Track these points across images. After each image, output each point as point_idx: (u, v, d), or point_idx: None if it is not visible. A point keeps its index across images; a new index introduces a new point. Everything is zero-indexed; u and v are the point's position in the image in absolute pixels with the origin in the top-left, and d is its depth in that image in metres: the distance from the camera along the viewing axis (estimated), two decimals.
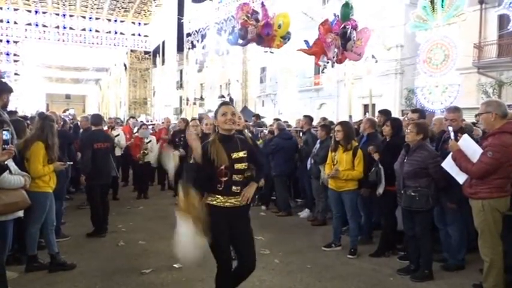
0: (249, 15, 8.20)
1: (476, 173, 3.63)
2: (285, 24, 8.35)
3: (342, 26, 7.94)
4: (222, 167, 2.97)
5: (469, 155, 3.71)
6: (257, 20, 8.26)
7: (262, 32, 8.15)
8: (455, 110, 4.80)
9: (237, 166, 3.04)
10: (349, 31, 7.86)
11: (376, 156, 4.97)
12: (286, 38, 8.58)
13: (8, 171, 3.68)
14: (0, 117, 4.07)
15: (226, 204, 3.03)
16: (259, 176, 3.32)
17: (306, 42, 8.34)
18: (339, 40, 7.88)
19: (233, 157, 3.02)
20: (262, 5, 8.45)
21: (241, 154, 3.08)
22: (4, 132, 3.46)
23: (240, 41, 8.52)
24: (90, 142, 6.05)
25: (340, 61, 8.40)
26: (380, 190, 4.98)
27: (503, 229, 3.68)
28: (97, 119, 6.56)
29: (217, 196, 3.02)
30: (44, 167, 4.43)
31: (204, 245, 2.93)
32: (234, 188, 3.04)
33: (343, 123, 5.42)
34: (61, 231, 5.65)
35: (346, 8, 8.13)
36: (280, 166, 7.41)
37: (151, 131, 10.49)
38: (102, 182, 6.13)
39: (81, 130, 8.09)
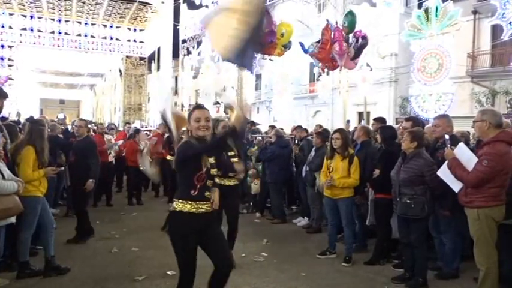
0: None
1: (471, 181, 3.63)
2: (288, 33, 8.39)
3: (362, 36, 8.03)
4: (203, 171, 2.90)
5: (464, 164, 3.71)
6: None
7: (266, 39, 8.15)
8: (441, 117, 4.90)
9: (212, 171, 2.99)
10: (367, 42, 8.02)
11: (376, 172, 4.95)
12: (287, 46, 8.61)
13: (1, 176, 3.64)
14: None
15: (200, 210, 2.93)
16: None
17: (301, 44, 8.34)
18: (353, 50, 7.94)
19: (210, 161, 2.97)
20: (267, 12, 8.44)
21: (212, 160, 3.01)
22: None
23: None
24: (95, 148, 6.07)
25: (333, 68, 8.46)
26: (368, 221, 5.37)
27: (498, 238, 3.69)
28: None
29: (189, 202, 2.90)
30: (34, 172, 4.39)
31: None
32: (206, 193, 2.97)
33: (341, 131, 5.42)
34: None
35: (352, 17, 8.20)
36: (275, 173, 7.40)
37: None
38: (94, 187, 6.10)
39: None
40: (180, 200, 2.93)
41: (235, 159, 4.59)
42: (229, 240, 4.83)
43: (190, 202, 2.90)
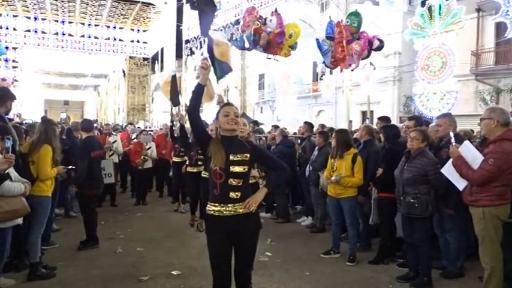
0: (260, 20, 8.18)
1: (477, 180, 3.61)
2: (296, 34, 8.36)
3: (379, 38, 8.04)
4: (217, 168, 2.80)
5: (470, 162, 3.69)
6: (264, 25, 8.24)
7: (275, 40, 8.12)
8: (443, 116, 4.88)
9: (234, 169, 2.81)
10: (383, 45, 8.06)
11: (379, 171, 4.95)
12: (293, 47, 8.61)
13: (8, 178, 3.67)
14: (4, 125, 4.06)
15: (225, 212, 2.80)
16: (279, 179, 3.10)
17: (318, 41, 8.24)
18: (366, 51, 7.95)
19: (230, 159, 2.82)
20: (277, 13, 8.38)
21: (241, 157, 2.85)
22: (6, 140, 3.45)
23: (247, 45, 8.45)
24: (87, 151, 5.55)
25: (334, 67, 8.45)
26: (371, 220, 5.34)
27: (503, 237, 3.67)
28: (88, 124, 6.04)
29: (215, 204, 2.83)
30: (51, 170, 4.51)
31: None
32: (231, 194, 2.81)
33: (337, 131, 5.48)
34: (50, 239, 5.53)
35: (360, 17, 8.17)
36: None
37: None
38: (98, 191, 5.93)
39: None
40: (209, 202, 2.88)
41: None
42: None
43: (215, 204, 2.84)
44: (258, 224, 2.99)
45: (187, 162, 7.11)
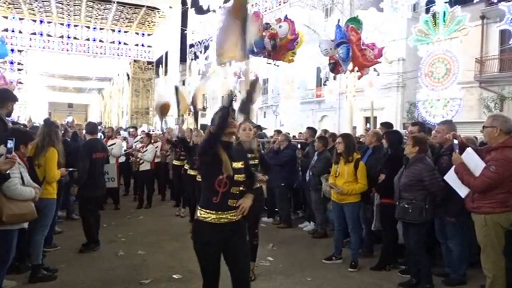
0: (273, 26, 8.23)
1: (478, 186, 3.61)
2: (301, 41, 8.44)
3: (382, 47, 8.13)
4: (223, 176, 2.73)
5: (472, 169, 3.69)
6: (265, 30, 8.27)
7: (287, 46, 8.18)
8: (443, 122, 4.91)
9: (237, 177, 2.80)
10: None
11: (382, 177, 4.94)
12: (295, 53, 8.66)
13: (21, 181, 3.69)
14: (11, 127, 4.08)
15: (222, 220, 2.77)
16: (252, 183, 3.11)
17: (348, 47, 8.18)
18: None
19: (233, 167, 2.79)
20: (290, 20, 8.39)
21: (240, 165, 2.87)
22: (8, 140, 3.46)
23: (255, 50, 8.46)
24: (88, 152, 5.63)
25: (338, 72, 8.46)
26: (373, 226, 5.27)
27: (505, 245, 3.65)
28: (92, 127, 6.14)
29: (211, 212, 2.76)
30: (57, 172, 4.57)
31: None
32: (230, 201, 2.79)
33: (344, 136, 5.45)
34: (52, 241, 5.53)
35: (360, 24, 8.19)
36: (287, 177, 7.34)
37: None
38: (98, 193, 5.97)
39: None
40: (203, 209, 2.80)
41: (255, 162, 4.54)
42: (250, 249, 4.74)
43: (212, 212, 2.76)
44: (245, 229, 2.98)
45: (185, 166, 7.29)
